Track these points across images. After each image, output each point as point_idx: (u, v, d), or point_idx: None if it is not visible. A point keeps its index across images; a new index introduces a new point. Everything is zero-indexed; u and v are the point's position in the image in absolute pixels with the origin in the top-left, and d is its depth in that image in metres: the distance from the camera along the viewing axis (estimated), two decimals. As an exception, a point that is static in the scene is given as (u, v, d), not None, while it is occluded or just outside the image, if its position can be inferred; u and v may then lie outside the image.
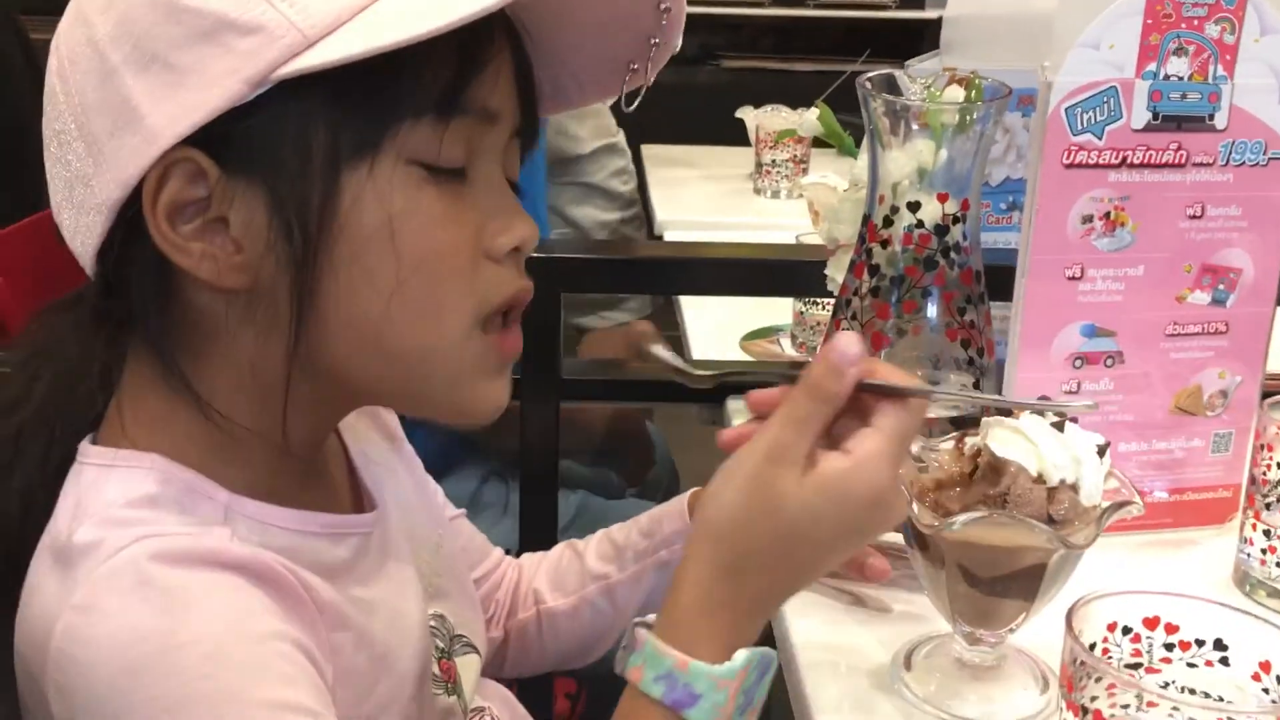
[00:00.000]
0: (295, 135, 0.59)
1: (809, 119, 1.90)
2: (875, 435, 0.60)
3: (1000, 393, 0.90)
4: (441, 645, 0.75)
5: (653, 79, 0.70)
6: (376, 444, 0.79)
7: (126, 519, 0.59)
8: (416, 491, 0.81)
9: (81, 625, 0.56)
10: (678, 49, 0.69)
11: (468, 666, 0.77)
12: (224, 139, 0.58)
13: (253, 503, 0.63)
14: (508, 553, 0.95)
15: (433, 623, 0.74)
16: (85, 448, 0.63)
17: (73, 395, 0.66)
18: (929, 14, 3.55)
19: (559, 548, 0.93)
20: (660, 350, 0.75)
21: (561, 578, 0.90)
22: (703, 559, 0.60)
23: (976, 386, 0.94)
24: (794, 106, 2.04)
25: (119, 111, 0.59)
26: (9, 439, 0.66)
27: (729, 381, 1.19)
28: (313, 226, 0.59)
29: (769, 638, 0.85)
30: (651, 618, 0.61)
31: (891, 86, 0.93)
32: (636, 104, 0.72)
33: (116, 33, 0.59)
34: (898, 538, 0.77)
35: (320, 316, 0.61)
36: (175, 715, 0.54)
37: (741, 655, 0.58)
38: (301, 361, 0.62)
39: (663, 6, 0.65)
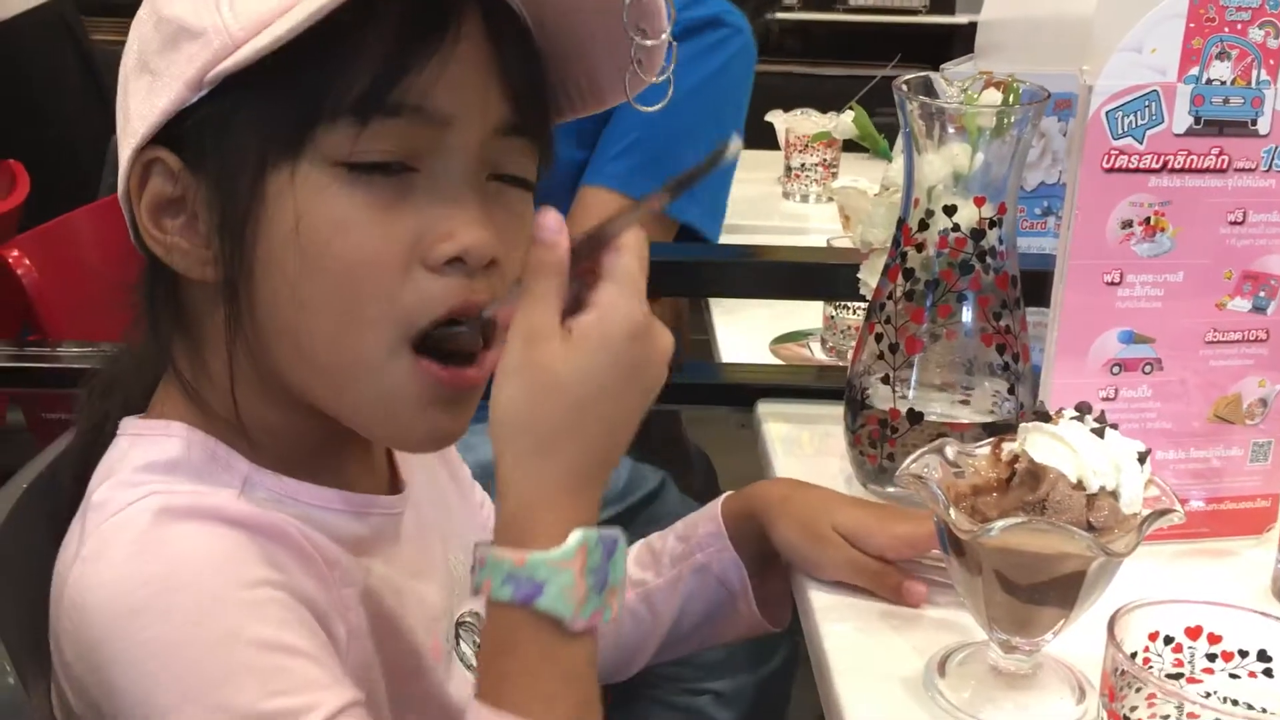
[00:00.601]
0: (227, 136, 0.61)
1: (844, 122, 1.89)
2: (607, 283, 0.60)
3: (1036, 400, 0.90)
4: (478, 640, 0.75)
5: (653, 77, 0.66)
6: None
7: (139, 480, 0.62)
8: (460, 498, 0.82)
9: (88, 574, 0.59)
10: (664, 37, 0.65)
11: None
12: (183, 138, 0.62)
13: (273, 475, 0.65)
14: None
15: (469, 618, 0.75)
16: (125, 422, 0.67)
17: (137, 379, 0.69)
18: (959, 19, 3.54)
19: None
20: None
21: None
22: (508, 458, 0.59)
23: (1011, 393, 0.93)
24: (823, 110, 2.03)
25: (123, 113, 0.64)
26: (98, 424, 0.68)
27: (757, 383, 1.20)
28: (238, 228, 0.61)
29: (798, 640, 0.84)
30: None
31: (928, 89, 0.92)
32: (660, 105, 0.68)
33: (132, 41, 0.65)
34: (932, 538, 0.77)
35: (256, 320, 0.62)
36: (171, 655, 0.56)
37: (576, 535, 0.58)
38: (255, 361, 0.64)
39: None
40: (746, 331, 1.49)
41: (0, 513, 0.71)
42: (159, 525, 0.59)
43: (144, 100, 0.62)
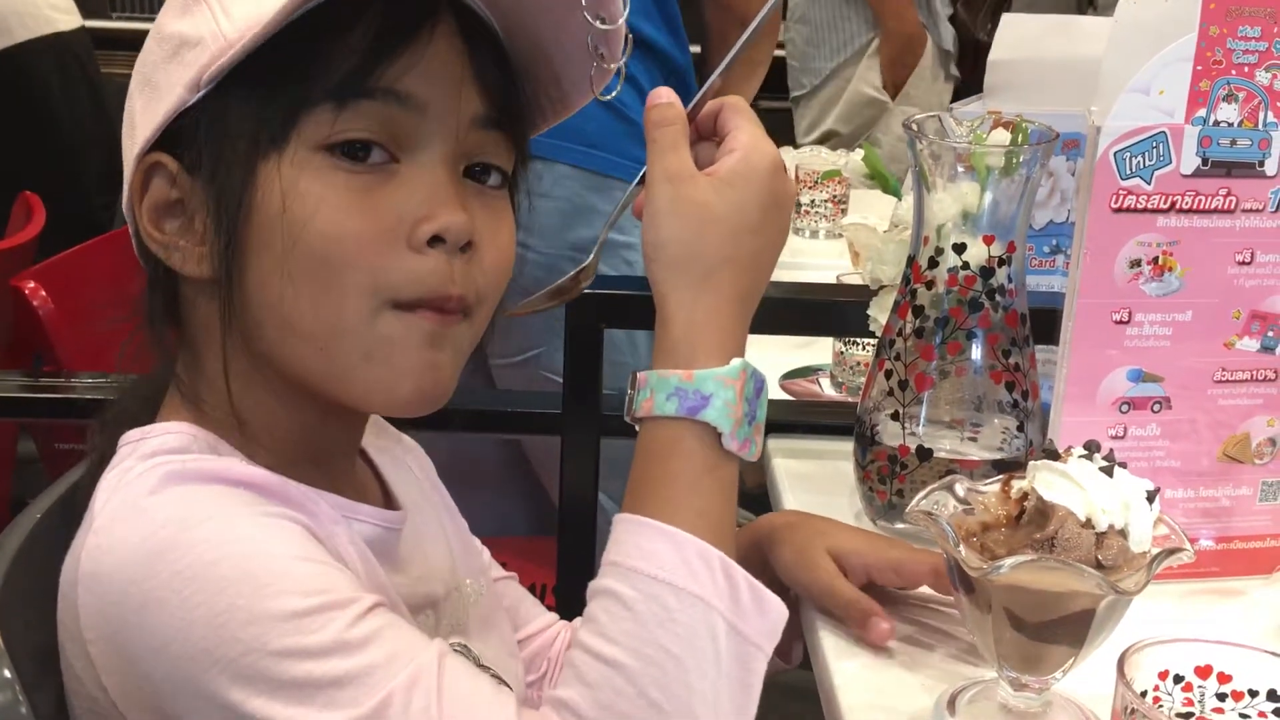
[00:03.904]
0: (220, 132, 0.64)
1: (854, 160, 1.90)
2: (738, 128, 0.67)
3: (1045, 438, 0.90)
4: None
5: (615, 64, 0.70)
6: (411, 476, 0.81)
7: (144, 453, 0.64)
8: (454, 533, 0.83)
9: (102, 542, 0.60)
10: (621, 22, 0.68)
11: None
12: (179, 140, 0.65)
13: (278, 476, 0.66)
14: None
15: (457, 648, 0.75)
16: (126, 434, 0.68)
17: (149, 406, 0.70)
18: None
19: None
20: (532, 299, 0.74)
21: None
22: (675, 289, 0.64)
23: (1020, 430, 0.93)
24: (833, 148, 2.04)
25: (130, 127, 0.68)
26: (109, 455, 0.69)
27: (767, 418, 1.20)
28: (232, 217, 0.64)
29: (809, 677, 0.84)
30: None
31: (937, 129, 0.93)
32: (613, 95, 0.72)
33: (137, 67, 0.68)
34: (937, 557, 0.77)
35: (247, 300, 0.65)
36: (201, 581, 0.57)
37: (737, 360, 0.64)
38: (249, 348, 0.66)
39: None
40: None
41: (14, 543, 0.71)
42: (168, 484, 0.61)
43: (145, 109, 0.66)
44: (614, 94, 0.71)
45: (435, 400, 0.67)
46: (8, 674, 0.63)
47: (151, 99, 0.66)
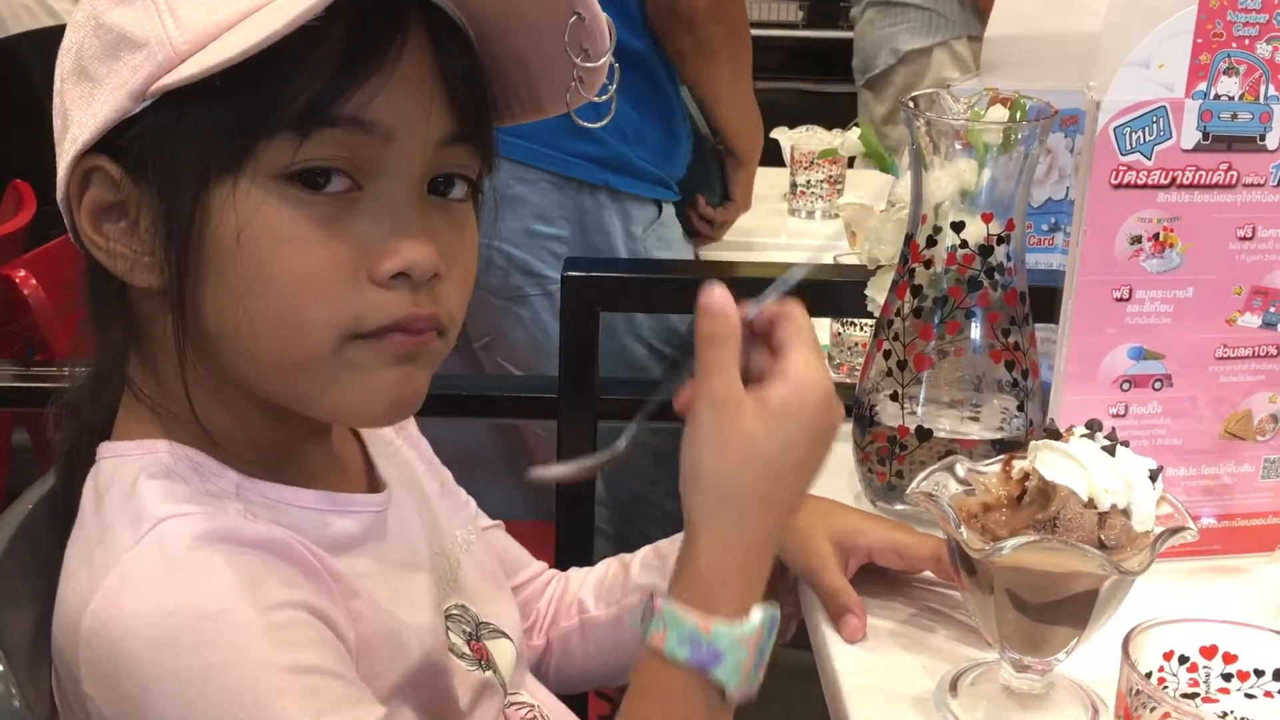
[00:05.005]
0: (170, 149, 0.60)
1: (850, 138, 1.89)
2: (794, 354, 0.64)
3: (1046, 417, 0.89)
4: (468, 629, 0.76)
5: (596, 95, 0.67)
6: (392, 443, 0.80)
7: (145, 506, 0.61)
8: (441, 493, 0.83)
9: (111, 605, 0.59)
10: (605, 59, 0.66)
11: (500, 650, 0.78)
12: (124, 148, 0.62)
13: (261, 481, 0.65)
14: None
15: (454, 610, 0.76)
16: (102, 446, 0.67)
17: (96, 400, 0.68)
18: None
19: (607, 561, 0.93)
20: (555, 469, 0.73)
21: (607, 589, 0.90)
22: (706, 520, 0.62)
23: (1020, 409, 0.93)
24: (828, 128, 2.03)
25: (62, 117, 0.64)
26: (74, 447, 0.69)
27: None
28: (183, 240, 0.61)
29: (808, 658, 0.84)
30: (664, 587, 0.63)
31: (934, 106, 0.92)
32: (604, 122, 0.70)
33: (69, 44, 0.65)
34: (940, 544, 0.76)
35: (202, 327, 0.63)
36: (205, 685, 0.57)
37: (757, 614, 0.61)
38: (205, 363, 0.64)
39: (574, 13, 0.63)
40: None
41: (6, 534, 0.70)
42: (178, 554, 0.59)
43: (84, 108, 0.62)
44: (602, 123, 0.70)
45: (409, 411, 0.67)
46: (0, 667, 0.62)
47: (90, 95, 0.62)
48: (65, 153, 0.63)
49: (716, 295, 0.63)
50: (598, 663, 0.90)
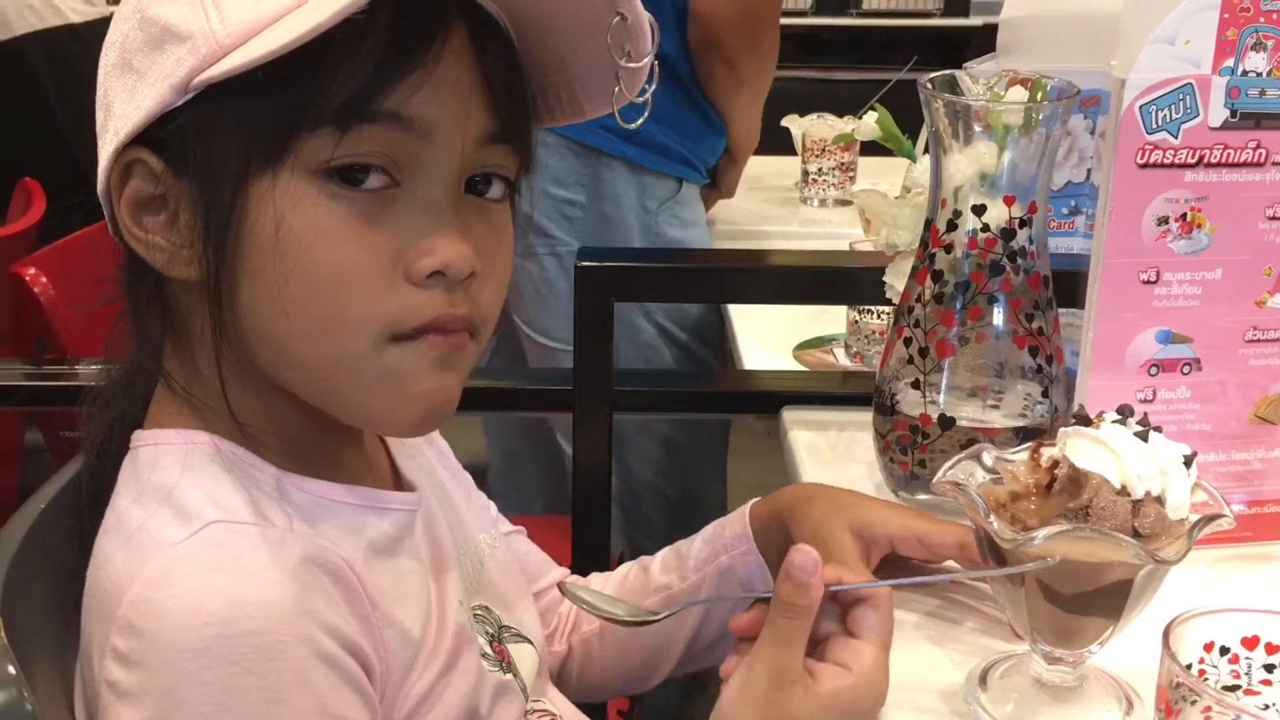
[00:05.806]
0: (211, 142, 0.60)
1: (867, 123, 1.87)
2: (868, 648, 0.65)
3: (1070, 404, 0.88)
4: (491, 631, 0.76)
5: (635, 96, 0.67)
6: (416, 444, 0.80)
7: (195, 502, 0.61)
8: (463, 497, 0.83)
9: (150, 600, 0.58)
10: (646, 60, 0.65)
11: (523, 655, 0.77)
12: (165, 141, 0.62)
13: (299, 476, 0.65)
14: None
15: (479, 611, 0.75)
16: (137, 434, 0.66)
17: (130, 391, 0.69)
18: (974, 20, 3.53)
19: (628, 565, 0.92)
20: (584, 594, 0.74)
21: (627, 592, 0.89)
22: None
23: (1045, 396, 0.91)
24: (839, 115, 2.01)
25: (104, 109, 0.65)
26: (105, 439, 0.68)
27: (782, 390, 1.18)
28: (221, 234, 0.61)
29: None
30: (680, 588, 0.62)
31: (952, 88, 0.90)
32: (640, 122, 0.69)
33: (114, 37, 0.65)
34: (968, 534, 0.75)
35: (239, 322, 0.62)
36: (222, 703, 0.56)
37: None
38: (240, 357, 0.63)
39: (617, 13, 0.63)
40: (768, 338, 1.47)
41: (19, 533, 0.70)
42: (225, 562, 0.59)
43: (127, 100, 0.62)
44: (638, 123, 0.68)
45: (441, 421, 0.67)
46: (12, 670, 0.61)
47: (133, 87, 0.62)
48: (107, 145, 0.64)
49: (805, 561, 0.63)
50: (618, 666, 0.90)
